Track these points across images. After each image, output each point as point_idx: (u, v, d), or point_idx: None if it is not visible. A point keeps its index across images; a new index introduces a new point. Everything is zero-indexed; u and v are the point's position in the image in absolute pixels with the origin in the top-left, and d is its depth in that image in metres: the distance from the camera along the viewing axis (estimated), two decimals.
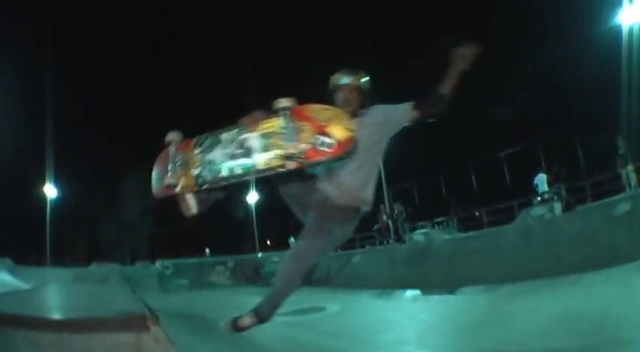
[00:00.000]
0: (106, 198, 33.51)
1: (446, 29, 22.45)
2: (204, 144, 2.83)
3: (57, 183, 26.87)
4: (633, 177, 12.21)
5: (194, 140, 2.91)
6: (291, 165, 2.52)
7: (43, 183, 26.18)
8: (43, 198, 25.98)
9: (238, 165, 2.67)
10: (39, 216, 25.68)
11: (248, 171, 2.66)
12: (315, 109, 2.55)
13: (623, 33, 15.16)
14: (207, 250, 30.19)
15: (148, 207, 33.82)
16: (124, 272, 17.71)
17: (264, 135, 2.62)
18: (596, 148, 16.66)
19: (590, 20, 17.38)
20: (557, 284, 6.80)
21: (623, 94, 15.93)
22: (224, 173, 2.71)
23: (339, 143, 2.44)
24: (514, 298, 6.98)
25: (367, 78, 3.00)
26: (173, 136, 2.96)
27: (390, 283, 11.15)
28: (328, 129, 2.47)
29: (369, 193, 2.93)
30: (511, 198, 18.02)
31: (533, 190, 15.80)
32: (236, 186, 2.84)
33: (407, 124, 2.88)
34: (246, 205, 30.38)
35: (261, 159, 2.62)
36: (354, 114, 2.80)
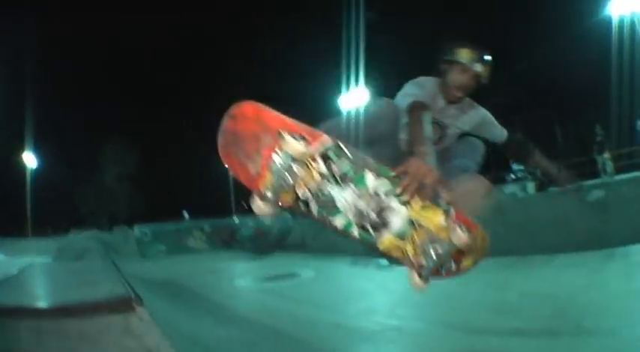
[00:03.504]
0: (84, 164, 33.17)
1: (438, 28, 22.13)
2: (337, 169, 1.96)
3: (36, 151, 26.43)
4: (610, 164, 12.44)
5: (326, 144, 1.96)
6: (408, 265, 2.05)
7: (22, 152, 25.62)
8: (23, 167, 25.47)
9: (359, 228, 2.01)
10: (18, 186, 25.28)
11: (363, 241, 2.04)
12: (479, 236, 2.02)
13: (613, 24, 15.33)
14: (184, 213, 30.07)
15: (125, 171, 33.57)
16: (103, 240, 17.82)
17: (413, 222, 1.97)
18: (575, 133, 16.90)
19: (580, 11, 17.50)
20: (528, 263, 6.97)
21: (609, 83, 16.11)
22: (337, 223, 2.02)
23: (457, 272, 2.08)
24: (483, 273, 7.08)
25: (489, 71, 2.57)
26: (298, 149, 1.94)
27: (363, 250, 11.28)
28: (464, 258, 2.05)
29: None
30: (484, 172, 18.25)
31: (507, 167, 16.00)
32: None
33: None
34: (223, 168, 30.16)
35: (385, 241, 2.01)
36: (458, 100, 2.59)
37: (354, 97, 21.44)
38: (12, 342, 2.57)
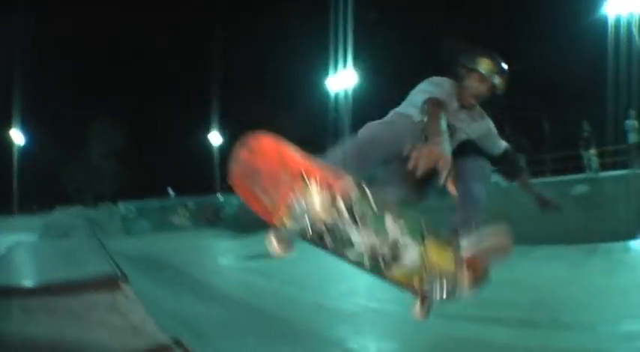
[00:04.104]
0: (70, 141, 32.69)
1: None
2: (357, 211, 2.00)
3: (23, 128, 25.91)
4: (595, 161, 12.52)
5: (348, 186, 1.99)
6: (412, 293, 2.05)
7: (9, 129, 25.08)
8: (10, 144, 25.01)
9: (370, 261, 2.00)
10: (4, 163, 24.87)
11: (375, 272, 2.02)
12: (482, 271, 2.06)
13: (609, 24, 15.44)
14: (169, 190, 29.93)
15: (111, 148, 33.25)
16: (88, 217, 17.65)
17: (423, 258, 2.00)
18: (565, 129, 17.03)
19: (577, 11, 17.55)
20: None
21: (604, 82, 16.20)
22: (351, 256, 2.01)
23: (455, 296, 2.08)
24: None
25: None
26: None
27: None
28: (458, 286, 2.06)
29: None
30: None
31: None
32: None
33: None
34: (209, 145, 30.10)
35: (396, 273, 2.01)
36: (470, 107, 2.54)
37: (342, 79, 21.33)
38: (1, 320, 2.62)
